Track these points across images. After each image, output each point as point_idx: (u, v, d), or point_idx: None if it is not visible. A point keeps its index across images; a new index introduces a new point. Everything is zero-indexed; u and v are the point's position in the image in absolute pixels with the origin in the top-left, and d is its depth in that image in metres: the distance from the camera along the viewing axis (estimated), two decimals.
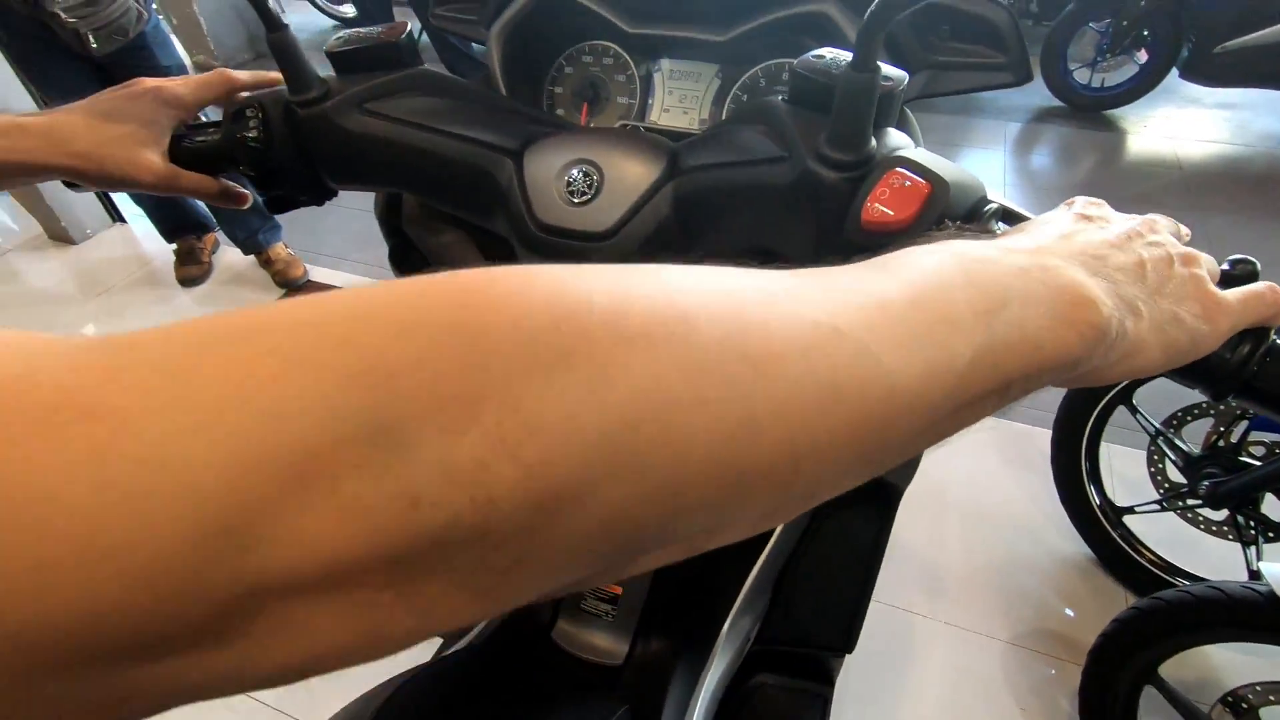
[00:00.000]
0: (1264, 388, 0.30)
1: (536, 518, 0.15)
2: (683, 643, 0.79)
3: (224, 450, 0.13)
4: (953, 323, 0.21)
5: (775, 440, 0.18)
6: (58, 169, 0.48)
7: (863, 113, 0.36)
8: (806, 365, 0.19)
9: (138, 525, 0.12)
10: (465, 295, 0.16)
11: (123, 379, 0.13)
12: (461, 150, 0.49)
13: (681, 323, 0.17)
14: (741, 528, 0.20)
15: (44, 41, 1.83)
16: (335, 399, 0.14)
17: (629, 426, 0.16)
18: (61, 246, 2.75)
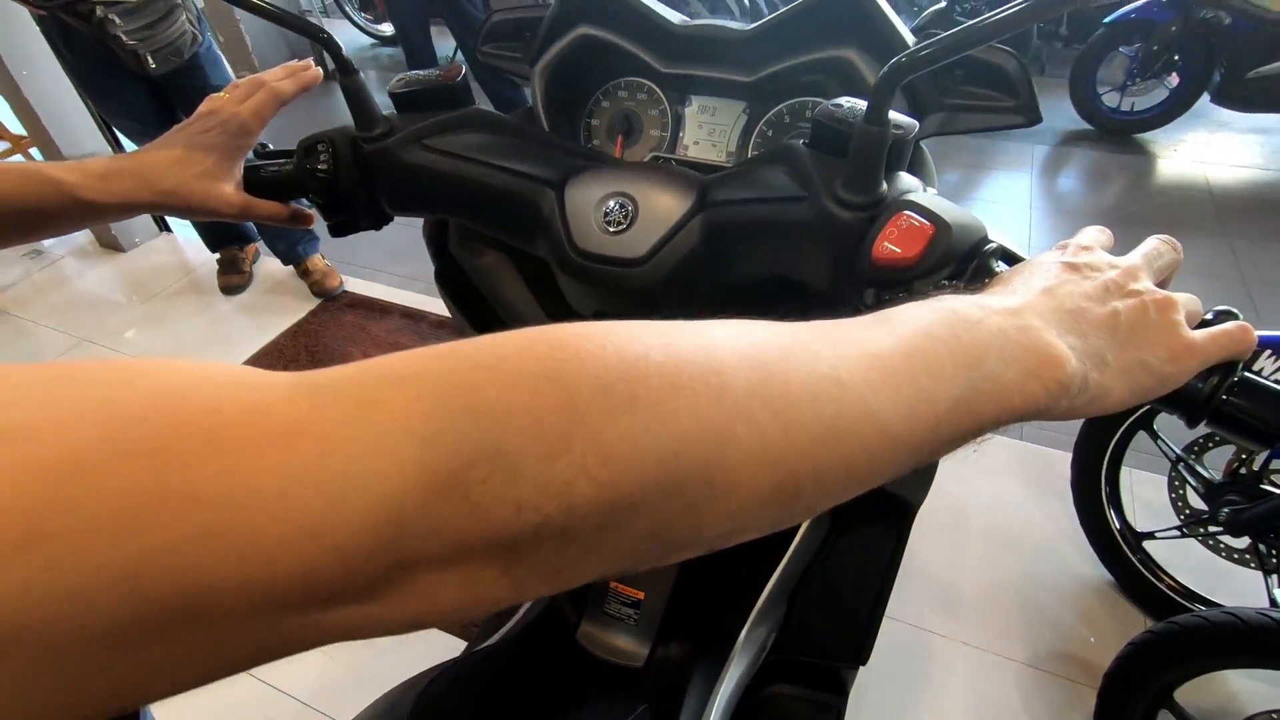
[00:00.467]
0: (1230, 415, 0.33)
1: (604, 522, 0.21)
2: (702, 647, 0.82)
3: (395, 466, 0.18)
4: (936, 374, 0.26)
5: (783, 470, 0.23)
6: (150, 206, 0.54)
7: (875, 160, 0.40)
8: (814, 410, 0.23)
9: (338, 517, 0.18)
10: (557, 350, 0.21)
11: (326, 413, 0.19)
12: (508, 182, 0.54)
13: (718, 375, 0.23)
14: (751, 534, 0.25)
15: (105, 62, 1.94)
16: (469, 432, 0.19)
17: (675, 456, 0.21)
18: (111, 254, 2.87)
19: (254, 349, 2.30)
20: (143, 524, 0.16)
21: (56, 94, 2.50)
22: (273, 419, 0.18)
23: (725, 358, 0.23)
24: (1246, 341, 0.33)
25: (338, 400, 0.19)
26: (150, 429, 0.17)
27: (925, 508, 1.78)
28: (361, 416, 0.19)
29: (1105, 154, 3.34)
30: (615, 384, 0.21)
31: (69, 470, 0.15)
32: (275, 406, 0.18)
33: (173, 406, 0.17)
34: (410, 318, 2.39)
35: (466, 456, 0.19)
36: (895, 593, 1.54)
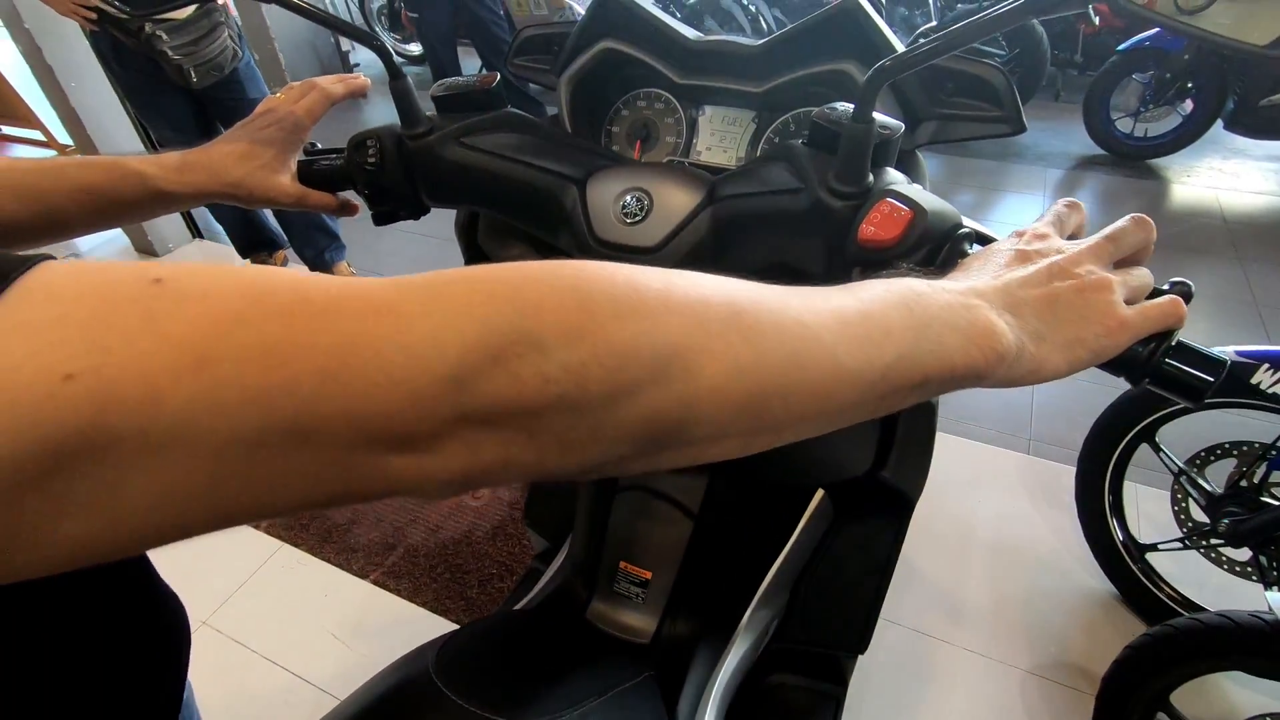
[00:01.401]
0: (1169, 374, 0.37)
1: (608, 401, 0.26)
2: (707, 626, 0.86)
3: (460, 338, 0.24)
4: (887, 332, 0.31)
5: (752, 384, 0.28)
6: (218, 194, 0.60)
7: (862, 154, 0.45)
8: (779, 340, 0.29)
9: (416, 370, 0.23)
10: (581, 271, 0.27)
11: (411, 295, 0.24)
12: (536, 177, 0.59)
13: (702, 304, 0.28)
14: (729, 445, 0.30)
15: (150, 75, 2.05)
16: (513, 319, 0.24)
17: (666, 356, 0.26)
18: (146, 259, 2.98)
19: None
20: (278, 363, 0.21)
21: (101, 105, 2.62)
22: (371, 298, 0.24)
23: (709, 294, 0.28)
24: (1176, 314, 0.37)
25: (419, 289, 0.24)
26: (284, 299, 0.23)
27: (931, 518, 1.82)
28: (436, 301, 0.24)
29: (1119, 179, 3.37)
30: (622, 298, 0.26)
31: (230, 321, 0.21)
32: (373, 290, 0.24)
33: (300, 285, 0.24)
34: None
35: (511, 337, 0.24)
36: (900, 598, 1.58)
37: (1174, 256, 2.76)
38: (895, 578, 0.89)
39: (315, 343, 0.22)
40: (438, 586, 1.60)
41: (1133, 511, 1.53)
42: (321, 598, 1.59)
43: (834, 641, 0.93)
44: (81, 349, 0.19)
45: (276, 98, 0.65)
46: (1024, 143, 3.73)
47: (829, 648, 0.94)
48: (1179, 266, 2.70)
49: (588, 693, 0.63)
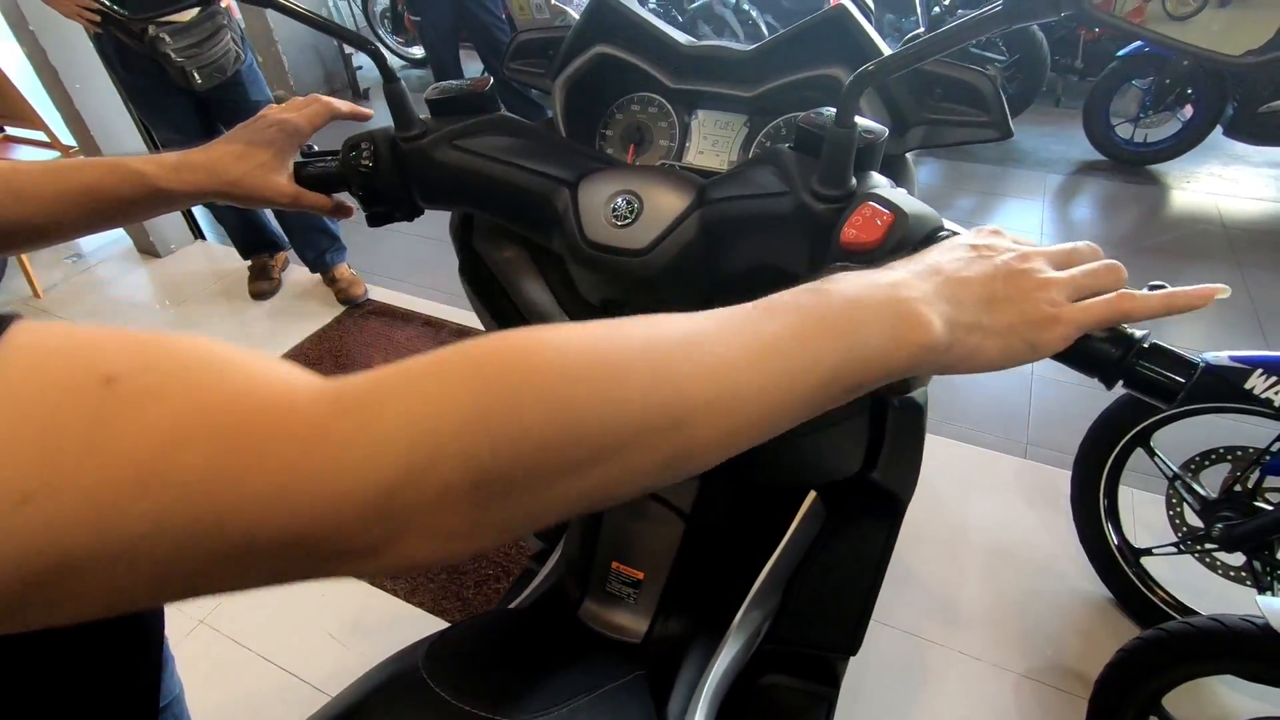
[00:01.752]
0: (1141, 376, 0.38)
1: (542, 490, 0.27)
2: (699, 626, 0.86)
3: (394, 464, 0.25)
4: (816, 360, 0.32)
5: (680, 443, 0.29)
6: (215, 193, 0.61)
7: (844, 158, 0.45)
8: (710, 401, 0.30)
9: (353, 495, 0.24)
10: (513, 370, 0.27)
11: (342, 423, 0.25)
12: (529, 180, 0.60)
13: (626, 376, 0.29)
14: (649, 473, 0.30)
15: (154, 77, 2.06)
16: (445, 440, 0.25)
17: (595, 447, 0.28)
18: (147, 259, 3.00)
19: (280, 352, 2.39)
20: (220, 488, 0.23)
21: (104, 107, 2.64)
22: (304, 425, 0.24)
23: (634, 362, 0.29)
24: (1119, 308, 0.38)
25: (352, 410, 0.25)
26: (229, 419, 0.24)
27: (927, 521, 1.82)
28: (373, 424, 0.25)
29: (1118, 184, 3.38)
30: (554, 396, 0.27)
31: (175, 442, 0.22)
32: (306, 414, 0.25)
33: (244, 402, 0.24)
34: (431, 325, 2.47)
35: (443, 455, 0.25)
36: (895, 600, 1.58)
37: (1173, 262, 2.77)
38: (890, 580, 0.89)
39: (258, 467, 0.23)
40: (435, 587, 1.61)
41: (1128, 516, 1.53)
42: (319, 597, 1.59)
43: (826, 642, 0.93)
44: (34, 468, 0.21)
45: (277, 106, 0.66)
46: (1024, 148, 3.74)
47: (821, 649, 0.94)
48: (1178, 272, 2.71)
49: (576, 690, 0.64)
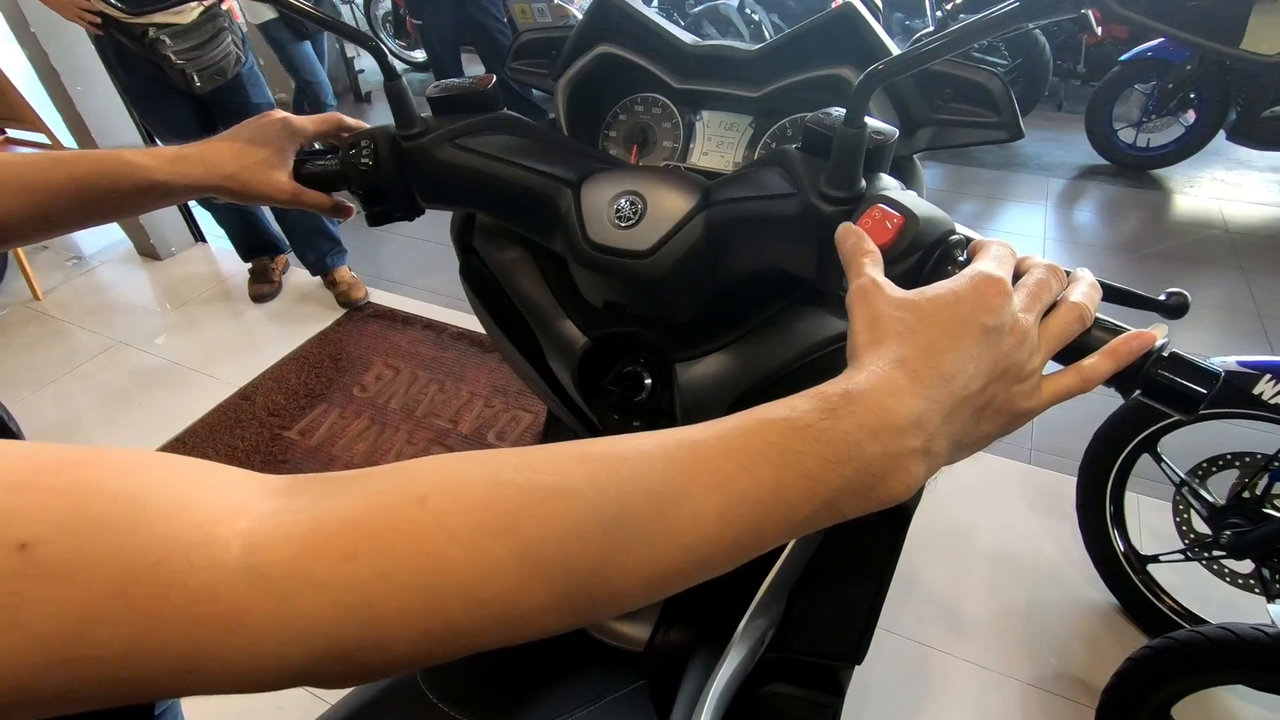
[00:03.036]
0: (1161, 385, 0.37)
1: (457, 651, 0.28)
2: (701, 635, 0.85)
3: (306, 651, 0.25)
4: (784, 512, 0.31)
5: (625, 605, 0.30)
6: (212, 188, 0.60)
7: (854, 159, 0.44)
8: (667, 571, 0.30)
9: (265, 674, 0.25)
10: (439, 551, 0.27)
11: (262, 607, 0.24)
12: (530, 179, 0.59)
13: (575, 552, 0.28)
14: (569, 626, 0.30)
15: (154, 79, 2.06)
16: (361, 631, 0.26)
17: (519, 614, 0.28)
18: (148, 261, 2.99)
19: (281, 355, 2.38)
20: (136, 663, 0.23)
21: (105, 109, 2.63)
22: (223, 607, 0.24)
23: (589, 533, 0.28)
24: (1083, 385, 0.37)
25: (269, 597, 0.25)
26: (146, 593, 0.23)
27: (933, 528, 1.81)
28: (288, 612, 0.25)
29: (1121, 189, 3.37)
30: (479, 579, 0.27)
31: (92, 618, 0.22)
32: (225, 595, 0.24)
33: (162, 572, 0.23)
34: (431, 329, 2.46)
35: (357, 644, 0.26)
36: (899, 608, 1.57)
37: (1177, 267, 2.76)
38: (895, 588, 0.88)
39: (172, 648, 0.23)
40: None
41: (1134, 522, 1.52)
42: None
43: (830, 652, 0.92)
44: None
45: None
46: (1027, 152, 3.73)
47: (825, 658, 0.93)
48: (1183, 277, 2.69)
49: (577, 701, 0.62)
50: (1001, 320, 0.35)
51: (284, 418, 2.14)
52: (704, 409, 0.64)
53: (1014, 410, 0.36)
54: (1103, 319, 0.39)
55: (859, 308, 0.38)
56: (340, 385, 2.25)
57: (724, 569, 0.31)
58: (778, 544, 0.32)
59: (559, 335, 0.68)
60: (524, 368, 0.75)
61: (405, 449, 2.00)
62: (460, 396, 2.17)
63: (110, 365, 2.43)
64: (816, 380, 0.35)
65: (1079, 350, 0.38)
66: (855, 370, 0.35)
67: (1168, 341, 0.37)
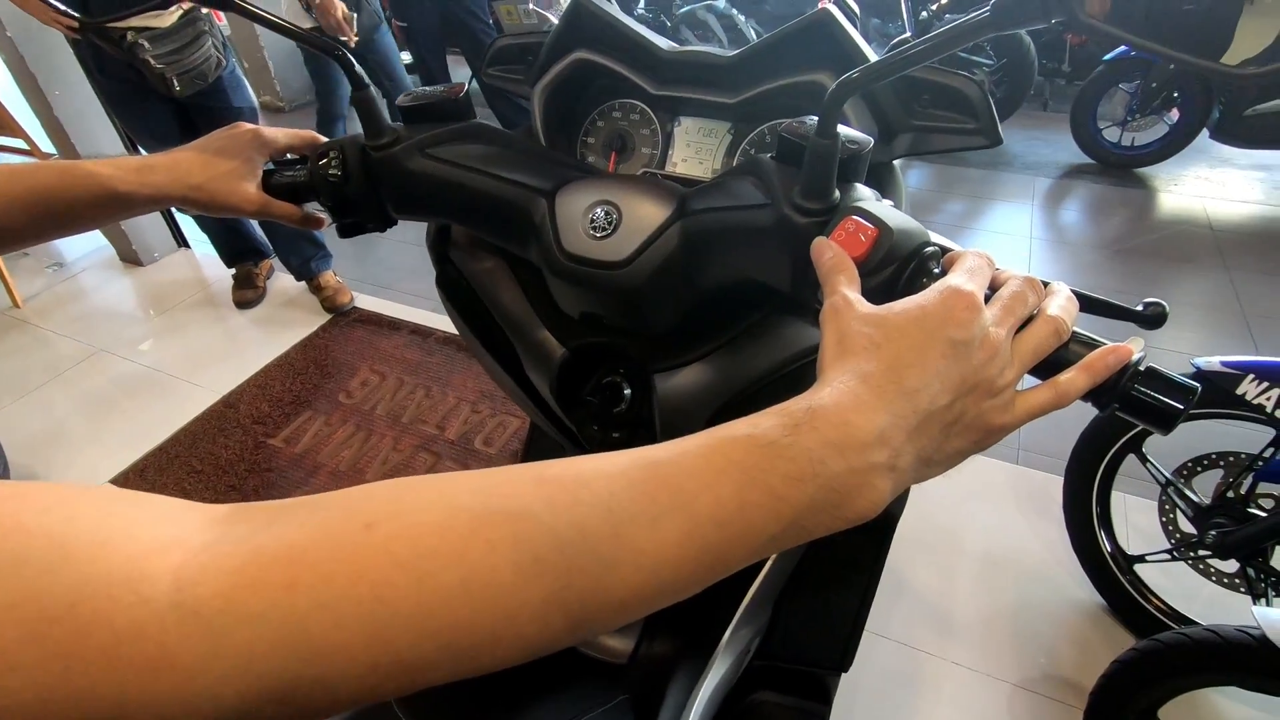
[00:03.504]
0: (1138, 400, 0.36)
1: (404, 688, 0.27)
2: (686, 646, 0.84)
3: (239, 692, 0.23)
4: (747, 529, 0.30)
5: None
6: (178, 199, 0.59)
7: (827, 170, 0.44)
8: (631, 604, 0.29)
9: (196, 717, 0.23)
10: (381, 587, 0.26)
11: (189, 646, 0.23)
12: (504, 189, 0.58)
13: (534, 591, 0.27)
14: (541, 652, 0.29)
15: (133, 84, 2.03)
16: (298, 668, 0.24)
17: (473, 647, 0.27)
18: (130, 268, 2.96)
19: (265, 361, 2.36)
20: (53, 707, 0.21)
21: (84, 114, 2.60)
22: (149, 646, 0.23)
23: (547, 571, 0.28)
24: (1057, 402, 0.36)
25: (199, 634, 0.23)
26: (62, 633, 0.22)
27: (920, 529, 1.81)
28: (218, 650, 0.23)
29: (1106, 187, 3.39)
30: (422, 616, 0.26)
31: (11, 661, 0.21)
32: (152, 634, 0.23)
33: (82, 612, 0.22)
34: (418, 334, 2.45)
35: (295, 684, 0.24)
36: (888, 611, 1.56)
37: (1162, 265, 2.77)
38: (884, 590, 0.88)
39: (95, 692, 0.22)
40: None
41: (1121, 522, 1.52)
42: None
43: (817, 660, 0.91)
44: None
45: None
46: (1013, 151, 3.74)
47: (811, 665, 0.92)
48: (1168, 275, 2.71)
49: (558, 716, 0.61)
50: (971, 335, 0.34)
51: (268, 425, 2.12)
52: (684, 420, 0.64)
53: (986, 426, 0.35)
54: (1079, 333, 0.38)
55: (829, 324, 0.37)
56: (325, 392, 2.23)
57: (689, 592, 0.30)
58: (744, 565, 0.31)
59: (537, 346, 0.67)
60: (503, 378, 0.74)
61: (391, 455, 1.99)
62: (447, 402, 2.16)
63: (92, 373, 2.40)
64: (797, 391, 0.35)
65: (1055, 364, 0.37)
66: (820, 386, 0.34)
67: (1144, 355, 0.37)
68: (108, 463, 2.01)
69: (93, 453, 2.07)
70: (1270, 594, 1.26)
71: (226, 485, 1.93)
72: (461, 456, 1.97)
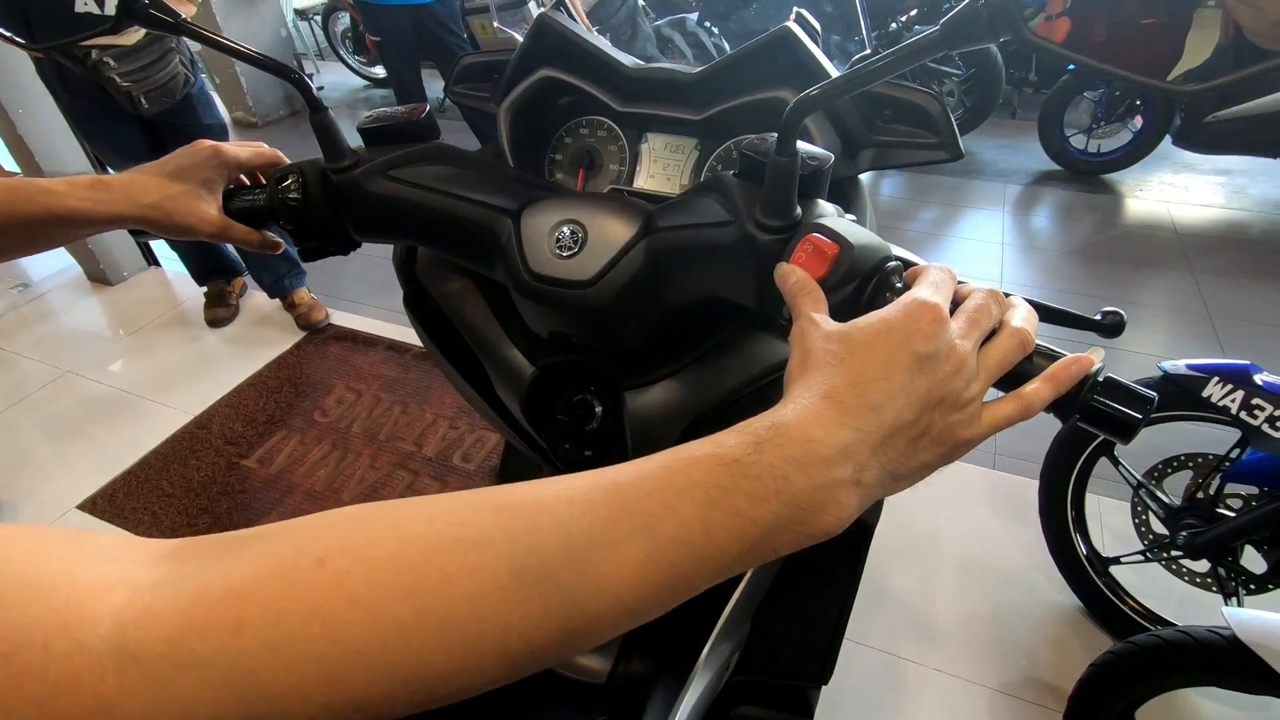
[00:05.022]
0: (1097, 411, 0.36)
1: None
2: (664, 664, 0.83)
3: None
4: (712, 550, 0.30)
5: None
6: (133, 219, 0.57)
7: (787, 188, 0.44)
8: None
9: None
10: (333, 624, 0.25)
11: (131, 693, 0.22)
12: (468, 210, 0.58)
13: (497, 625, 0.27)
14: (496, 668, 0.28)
15: (99, 101, 2.00)
16: (245, 711, 0.23)
17: (437, 679, 0.26)
18: (99, 287, 2.90)
19: (238, 381, 2.32)
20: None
21: (50, 132, 2.55)
22: (87, 696, 0.22)
23: (512, 606, 0.27)
24: (1023, 414, 0.36)
25: (141, 682, 0.22)
26: (2, 682, 0.21)
27: (897, 535, 1.81)
28: (161, 698, 0.23)
29: (1074, 193, 3.45)
30: (371, 652, 0.25)
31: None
32: (90, 683, 0.22)
33: (13, 664, 0.21)
34: (395, 350, 2.42)
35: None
36: (868, 619, 1.57)
37: (1129, 269, 2.82)
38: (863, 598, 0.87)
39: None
40: None
41: (1095, 525, 1.54)
42: None
43: (796, 673, 0.91)
44: None
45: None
46: (984, 159, 3.80)
47: (791, 679, 0.92)
48: (1135, 279, 2.76)
49: None
50: (935, 348, 0.34)
51: (241, 446, 2.08)
52: (655, 436, 0.63)
53: (953, 439, 0.35)
54: (1041, 344, 0.39)
55: (795, 345, 0.37)
56: (300, 410, 2.20)
57: (657, 613, 0.30)
58: (711, 585, 0.30)
59: (506, 365, 0.67)
60: (474, 398, 0.73)
61: (368, 474, 1.96)
62: (424, 418, 2.14)
63: (59, 395, 2.35)
64: (768, 405, 0.35)
65: (1018, 377, 0.38)
66: (784, 403, 0.34)
67: (1103, 366, 0.37)
68: (75, 488, 1.96)
69: (60, 478, 2.02)
70: (1241, 593, 1.28)
71: (198, 508, 1.89)
72: (440, 473, 1.95)
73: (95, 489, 1.96)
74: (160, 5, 0.54)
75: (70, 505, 1.92)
